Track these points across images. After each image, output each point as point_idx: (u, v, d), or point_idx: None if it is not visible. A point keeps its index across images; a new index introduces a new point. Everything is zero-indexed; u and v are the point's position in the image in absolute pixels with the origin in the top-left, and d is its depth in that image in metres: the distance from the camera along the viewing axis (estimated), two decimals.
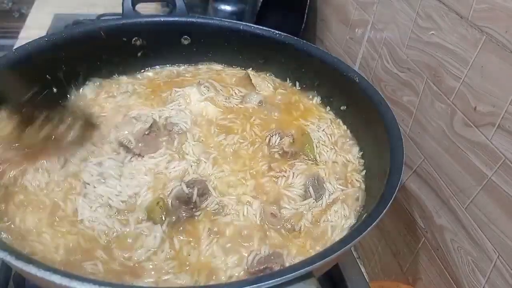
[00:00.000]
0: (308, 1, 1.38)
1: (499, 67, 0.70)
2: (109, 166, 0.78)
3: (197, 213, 0.74)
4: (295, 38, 1.03)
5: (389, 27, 1.01)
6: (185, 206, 0.73)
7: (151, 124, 0.86)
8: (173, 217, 0.72)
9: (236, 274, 0.66)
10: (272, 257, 0.68)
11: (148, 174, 0.79)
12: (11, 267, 0.79)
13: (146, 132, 0.84)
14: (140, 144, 0.82)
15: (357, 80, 0.90)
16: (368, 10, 1.11)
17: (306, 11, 1.39)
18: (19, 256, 0.52)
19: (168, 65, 1.10)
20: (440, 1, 0.83)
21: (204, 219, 0.73)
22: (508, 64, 0.68)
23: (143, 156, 0.81)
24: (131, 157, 0.81)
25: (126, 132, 0.83)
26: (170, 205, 0.73)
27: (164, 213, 0.72)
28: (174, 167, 0.80)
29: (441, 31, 0.83)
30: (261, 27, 1.04)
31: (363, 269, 1.04)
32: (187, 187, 0.74)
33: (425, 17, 0.88)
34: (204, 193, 0.75)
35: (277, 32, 1.03)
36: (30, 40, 0.88)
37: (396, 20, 0.98)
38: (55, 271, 0.50)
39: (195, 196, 0.74)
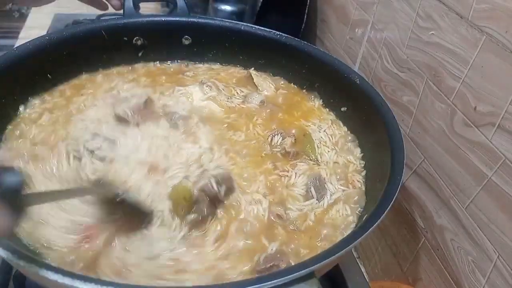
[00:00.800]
0: (308, 1, 1.38)
1: (499, 67, 0.70)
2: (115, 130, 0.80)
3: (218, 211, 0.72)
4: (296, 39, 1.03)
5: (389, 27, 1.01)
6: (209, 203, 0.71)
7: (146, 100, 0.86)
8: (194, 215, 0.69)
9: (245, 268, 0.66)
10: (278, 255, 0.68)
11: (158, 139, 0.80)
12: (11, 267, 0.80)
13: (142, 108, 0.84)
14: (137, 116, 0.82)
15: (358, 82, 0.90)
16: (368, 10, 1.11)
17: (306, 11, 1.39)
18: (20, 255, 0.52)
19: (168, 63, 1.10)
20: (440, 1, 0.83)
21: (225, 215, 0.73)
22: (508, 64, 0.68)
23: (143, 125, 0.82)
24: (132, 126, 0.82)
25: (126, 105, 0.84)
26: (195, 199, 0.70)
27: (187, 210, 0.69)
28: (187, 148, 0.80)
29: (441, 31, 0.83)
30: (262, 27, 1.04)
31: (363, 269, 1.05)
32: (216, 183, 0.71)
33: (425, 17, 0.88)
34: (230, 191, 0.74)
35: (277, 33, 1.03)
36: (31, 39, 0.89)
37: (396, 20, 0.98)
38: (56, 270, 0.50)
39: (222, 194, 0.72)
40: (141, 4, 1.09)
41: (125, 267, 0.63)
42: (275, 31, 1.03)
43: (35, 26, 1.66)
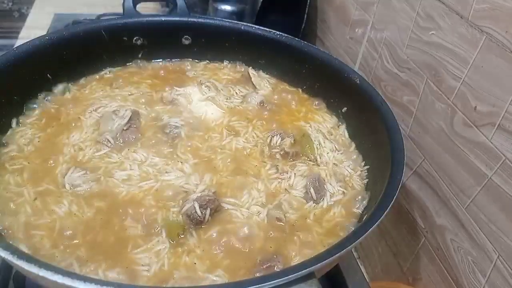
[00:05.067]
0: (308, 1, 1.38)
1: (499, 67, 0.70)
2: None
3: (204, 226, 0.72)
4: (296, 39, 1.03)
5: (389, 27, 1.01)
6: (194, 225, 0.71)
7: (130, 117, 0.86)
8: (181, 235, 0.70)
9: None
10: (274, 256, 0.68)
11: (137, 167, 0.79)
12: (11, 267, 0.80)
13: (125, 128, 0.84)
14: (119, 141, 0.83)
15: (358, 82, 0.90)
16: (368, 10, 1.11)
17: (306, 11, 1.39)
18: (20, 255, 0.52)
19: (167, 61, 1.10)
20: (440, 1, 0.83)
21: (212, 226, 0.72)
22: (508, 64, 0.68)
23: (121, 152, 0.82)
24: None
25: (109, 127, 0.84)
26: (183, 224, 0.71)
27: (176, 238, 0.69)
28: (169, 173, 0.79)
29: (441, 31, 0.83)
30: (261, 27, 1.04)
31: (363, 269, 1.05)
32: (200, 207, 0.71)
33: (425, 17, 0.88)
34: (217, 210, 0.73)
35: (277, 32, 1.03)
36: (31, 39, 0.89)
37: (396, 20, 0.98)
38: (56, 270, 0.50)
39: (207, 217, 0.71)
40: (140, 4, 1.09)
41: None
42: (275, 31, 1.03)
43: (35, 26, 1.66)
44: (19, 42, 1.52)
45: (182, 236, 0.69)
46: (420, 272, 0.94)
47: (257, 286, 0.51)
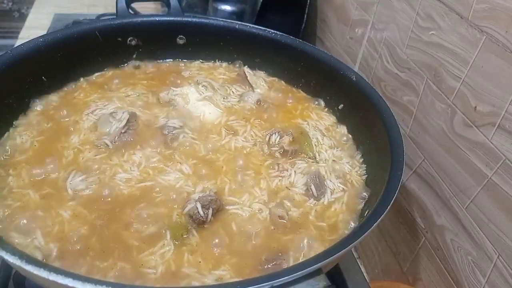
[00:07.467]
0: (308, 1, 1.38)
1: (499, 67, 0.70)
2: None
3: (206, 225, 0.72)
4: (291, 37, 1.02)
5: (389, 27, 1.01)
6: (197, 225, 0.71)
7: (128, 119, 0.86)
8: (185, 235, 0.70)
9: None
10: (279, 254, 0.68)
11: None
12: (11, 267, 0.80)
13: (123, 131, 0.84)
14: (117, 142, 0.83)
15: (354, 79, 0.90)
16: (368, 10, 1.11)
17: (306, 11, 1.39)
18: (21, 256, 0.52)
19: (163, 63, 1.09)
20: (440, 1, 0.83)
21: (215, 225, 0.72)
22: (508, 64, 0.68)
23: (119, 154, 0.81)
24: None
25: (107, 130, 0.84)
26: (186, 224, 0.71)
27: (180, 238, 0.69)
28: (169, 174, 0.79)
29: (441, 31, 0.83)
30: (256, 26, 1.04)
31: (363, 269, 1.05)
32: (202, 207, 0.71)
33: (425, 17, 0.88)
34: (219, 210, 0.73)
35: (273, 31, 1.03)
36: (26, 41, 0.88)
37: (396, 20, 0.98)
38: (55, 270, 0.49)
39: (209, 216, 0.71)
40: (139, 4, 1.09)
41: None
42: (270, 30, 1.03)
43: (35, 26, 1.66)
44: (19, 42, 1.52)
45: (185, 236, 0.69)
46: (420, 272, 0.94)
47: (267, 283, 0.52)
